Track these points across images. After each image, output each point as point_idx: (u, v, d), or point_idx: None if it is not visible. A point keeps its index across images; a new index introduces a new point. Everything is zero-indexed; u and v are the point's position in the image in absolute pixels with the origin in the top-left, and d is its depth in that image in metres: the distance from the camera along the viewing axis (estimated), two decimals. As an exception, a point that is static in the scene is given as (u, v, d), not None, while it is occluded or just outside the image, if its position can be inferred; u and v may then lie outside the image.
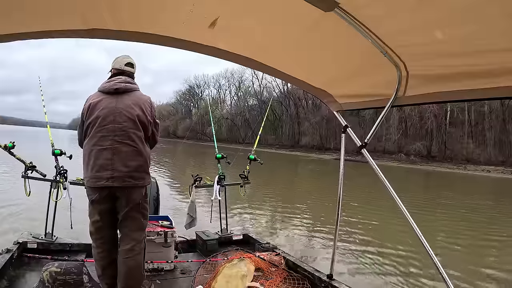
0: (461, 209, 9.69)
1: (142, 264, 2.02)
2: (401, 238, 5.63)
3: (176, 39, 1.72)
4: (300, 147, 46.54)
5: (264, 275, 2.44)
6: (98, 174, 1.87)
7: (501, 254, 5.55)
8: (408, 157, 33.23)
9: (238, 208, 7.21)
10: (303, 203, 9.27)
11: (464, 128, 35.03)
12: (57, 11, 1.41)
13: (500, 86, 1.37)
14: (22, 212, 5.72)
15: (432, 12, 1.16)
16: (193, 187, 3.20)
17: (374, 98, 2.01)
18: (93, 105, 1.97)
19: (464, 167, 30.11)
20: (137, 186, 1.95)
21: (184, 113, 69.89)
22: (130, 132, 1.92)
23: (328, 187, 11.85)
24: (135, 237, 1.99)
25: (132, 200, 1.95)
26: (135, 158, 1.93)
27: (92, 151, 1.91)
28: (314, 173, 20.28)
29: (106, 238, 1.99)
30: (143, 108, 1.99)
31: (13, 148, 2.71)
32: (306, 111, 49.45)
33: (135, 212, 1.99)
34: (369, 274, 4.21)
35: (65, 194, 2.78)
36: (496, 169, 28.55)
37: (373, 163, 1.94)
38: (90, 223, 1.98)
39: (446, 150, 34.99)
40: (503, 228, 7.42)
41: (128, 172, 1.90)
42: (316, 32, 1.52)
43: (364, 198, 9.88)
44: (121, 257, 1.95)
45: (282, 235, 5.78)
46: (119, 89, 1.98)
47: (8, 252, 2.29)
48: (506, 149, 32.01)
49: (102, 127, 1.91)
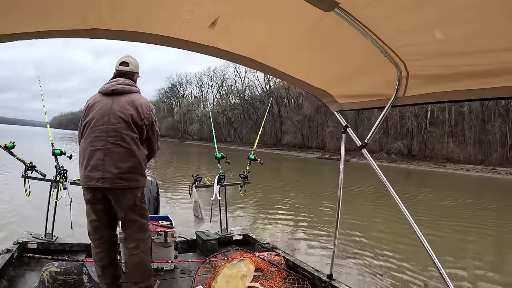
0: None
1: (148, 260, 2.06)
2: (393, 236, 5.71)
3: (176, 39, 1.72)
4: (282, 145, 46.75)
5: (264, 275, 2.44)
6: (89, 174, 1.88)
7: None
8: (389, 155, 33.69)
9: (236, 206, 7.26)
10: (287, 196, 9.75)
11: (444, 127, 35.68)
12: (57, 11, 1.41)
13: (500, 86, 1.37)
14: (22, 212, 5.72)
15: (432, 12, 1.16)
16: (193, 187, 3.20)
17: (374, 98, 2.01)
18: (90, 105, 1.99)
19: (444, 166, 30.64)
20: (129, 187, 1.93)
21: (166, 111, 69.29)
22: (123, 133, 1.91)
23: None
24: (138, 237, 2.01)
25: (125, 203, 1.94)
26: (128, 159, 1.91)
27: (86, 150, 1.92)
28: (297, 171, 20.62)
29: (104, 238, 1.99)
30: (138, 110, 1.98)
31: (13, 148, 2.71)
32: (288, 110, 49.72)
33: (133, 215, 1.99)
34: (369, 274, 4.21)
35: (65, 194, 2.78)
36: (475, 167, 29.11)
37: (373, 163, 1.94)
38: (88, 222, 1.99)
39: (427, 149, 35.64)
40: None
41: (119, 174, 1.88)
42: (316, 32, 1.52)
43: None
44: (127, 255, 2.00)
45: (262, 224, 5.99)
46: (115, 90, 1.99)
47: (8, 252, 2.29)
48: (485, 148, 32.72)
49: (96, 127, 1.91)
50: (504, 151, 31.60)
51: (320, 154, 39.09)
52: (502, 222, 8.46)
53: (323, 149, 41.57)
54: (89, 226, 1.98)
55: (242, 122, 56.35)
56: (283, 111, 49.79)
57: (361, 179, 13.94)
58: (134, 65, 2.17)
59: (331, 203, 8.55)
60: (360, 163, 22.05)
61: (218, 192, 3.31)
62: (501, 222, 8.46)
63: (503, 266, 5.15)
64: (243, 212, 7.21)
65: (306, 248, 5.16)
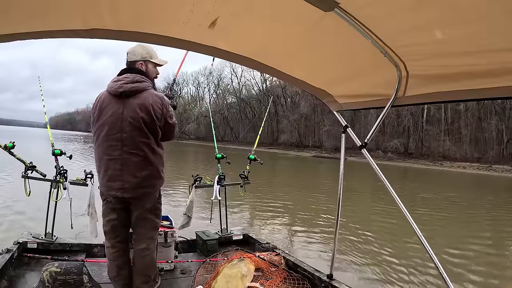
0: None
1: (155, 258, 2.12)
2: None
3: (176, 39, 1.72)
4: (278, 144, 46.87)
5: (264, 275, 2.44)
6: (109, 184, 1.90)
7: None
8: (386, 154, 33.90)
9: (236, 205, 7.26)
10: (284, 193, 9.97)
11: (440, 125, 36.04)
12: (57, 11, 1.41)
13: (500, 86, 1.37)
14: (22, 212, 5.72)
15: (432, 12, 1.16)
16: (193, 187, 3.20)
17: (374, 98, 2.01)
18: (102, 108, 1.91)
19: (440, 164, 30.91)
20: (149, 193, 1.98)
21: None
22: (137, 141, 1.87)
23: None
24: (150, 235, 2.04)
25: (145, 205, 1.99)
26: (145, 168, 1.91)
27: (102, 160, 1.91)
28: (295, 170, 20.80)
29: (121, 237, 2.01)
30: (150, 112, 1.87)
31: (13, 148, 2.71)
32: (284, 109, 49.67)
33: (149, 214, 2.02)
34: (368, 274, 4.21)
35: (65, 194, 2.78)
36: (471, 165, 29.33)
37: (373, 163, 1.94)
38: (105, 221, 1.99)
39: (423, 147, 35.96)
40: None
41: (138, 183, 1.90)
42: (316, 32, 1.52)
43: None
44: (138, 255, 1.99)
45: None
46: (124, 92, 1.88)
47: (8, 252, 2.29)
48: (481, 146, 33.01)
49: (110, 135, 1.87)
50: (500, 148, 31.85)
51: (317, 152, 39.16)
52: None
53: (319, 148, 41.60)
54: (106, 225, 1.99)
55: (239, 121, 56.34)
56: (279, 110, 49.81)
57: (359, 177, 13.98)
58: (132, 53, 2.00)
59: (331, 202, 8.59)
60: (357, 161, 22.12)
61: (218, 192, 3.31)
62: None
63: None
64: (242, 212, 7.21)
65: (306, 248, 5.15)
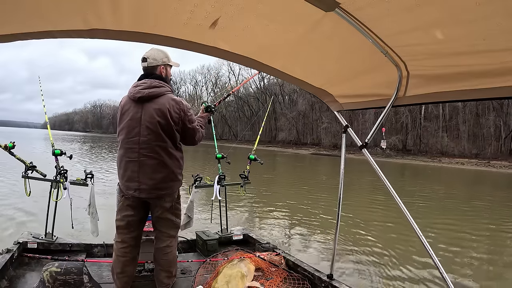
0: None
1: (176, 255, 2.23)
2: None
3: (177, 39, 1.72)
4: (277, 142, 46.87)
5: (264, 275, 2.44)
6: (127, 184, 1.99)
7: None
8: (384, 151, 33.95)
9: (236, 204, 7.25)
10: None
11: (438, 122, 36.13)
12: (58, 11, 1.41)
13: (500, 86, 1.37)
14: (22, 212, 5.72)
15: (433, 12, 1.17)
16: (193, 187, 3.20)
17: (375, 98, 2.01)
18: (124, 111, 2.02)
19: (439, 160, 30.99)
20: (166, 194, 2.04)
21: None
22: (154, 145, 1.95)
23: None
24: (171, 234, 2.13)
25: (164, 206, 2.06)
26: (160, 170, 1.98)
27: (122, 161, 2.01)
28: (294, 167, 20.77)
29: (134, 233, 2.07)
30: (167, 116, 1.94)
31: (13, 148, 2.71)
32: (282, 107, 49.66)
33: (168, 214, 2.10)
34: (368, 273, 4.21)
35: (65, 194, 2.78)
36: (470, 161, 29.41)
37: (373, 162, 1.94)
38: (121, 216, 2.05)
39: (421, 144, 36.14)
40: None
41: (154, 185, 1.97)
42: (317, 32, 1.52)
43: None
44: (160, 252, 2.08)
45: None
46: (142, 97, 1.95)
47: (8, 252, 2.29)
48: (479, 142, 33.12)
49: (128, 139, 1.97)
50: (498, 144, 31.92)
51: (315, 150, 39.17)
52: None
53: (318, 145, 41.59)
54: (122, 220, 2.04)
55: (237, 119, 56.23)
56: (277, 107, 49.83)
57: (357, 173, 13.97)
58: (153, 57, 2.04)
59: (331, 200, 8.60)
60: (355, 158, 22.12)
61: (218, 192, 3.31)
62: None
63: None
64: (242, 212, 7.21)
65: (306, 248, 5.16)
